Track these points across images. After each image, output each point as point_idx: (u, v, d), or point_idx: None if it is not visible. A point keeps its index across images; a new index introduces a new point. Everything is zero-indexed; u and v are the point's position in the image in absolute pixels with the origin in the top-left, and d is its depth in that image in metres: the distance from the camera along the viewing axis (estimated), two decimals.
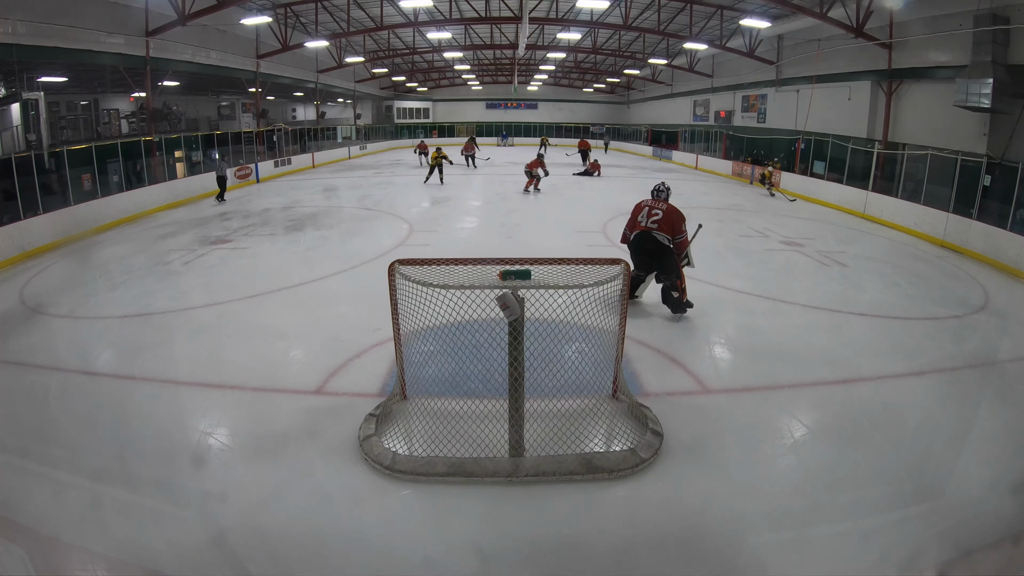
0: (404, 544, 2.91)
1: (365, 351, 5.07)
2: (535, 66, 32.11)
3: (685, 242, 5.85)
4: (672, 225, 5.75)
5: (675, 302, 5.86)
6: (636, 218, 5.91)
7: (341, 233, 10.35)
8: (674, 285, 5.81)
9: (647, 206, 5.88)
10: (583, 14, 20.02)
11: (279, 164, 20.34)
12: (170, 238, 9.99)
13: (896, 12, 12.87)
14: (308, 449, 3.67)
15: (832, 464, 3.60)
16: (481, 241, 9.58)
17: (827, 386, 4.65)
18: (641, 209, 5.91)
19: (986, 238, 9.18)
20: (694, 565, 2.80)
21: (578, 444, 3.61)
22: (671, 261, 5.73)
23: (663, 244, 5.71)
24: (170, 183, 13.96)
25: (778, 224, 11.64)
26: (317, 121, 27.46)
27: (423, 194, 15.25)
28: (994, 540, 2.92)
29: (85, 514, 3.10)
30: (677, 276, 5.79)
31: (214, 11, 14.40)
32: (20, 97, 13.55)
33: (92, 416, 4.11)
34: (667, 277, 5.81)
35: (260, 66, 19.87)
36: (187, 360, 4.95)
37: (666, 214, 5.77)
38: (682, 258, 5.87)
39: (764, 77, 19.65)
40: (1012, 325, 6.28)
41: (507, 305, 3.30)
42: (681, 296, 5.85)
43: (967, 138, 11.24)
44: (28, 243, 8.96)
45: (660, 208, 5.82)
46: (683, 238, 5.80)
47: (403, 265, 3.68)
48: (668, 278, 5.81)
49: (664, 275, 5.81)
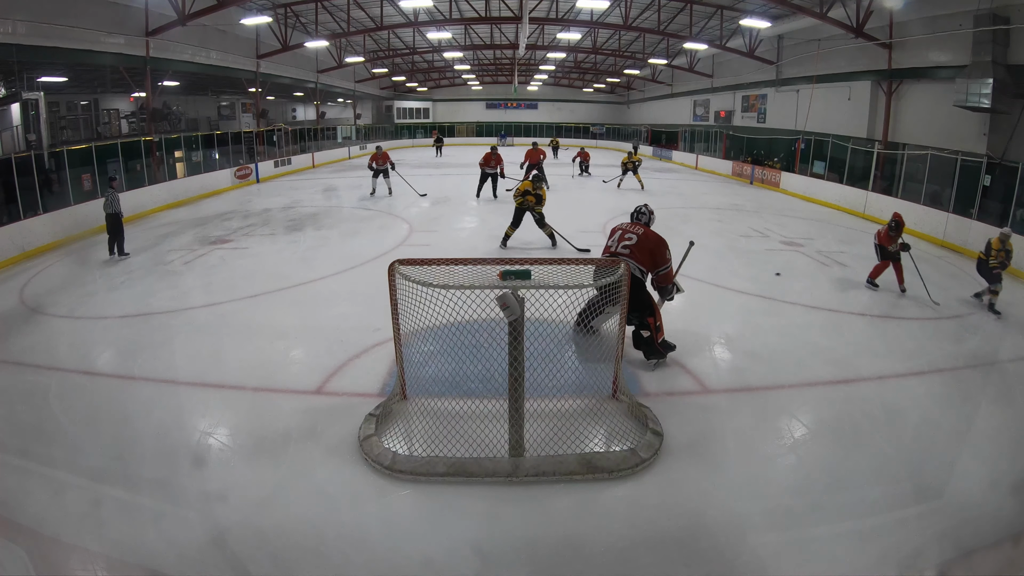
0: (404, 544, 2.91)
1: (365, 351, 5.07)
2: (535, 66, 32.11)
3: (670, 274, 4.87)
4: (649, 253, 4.77)
5: (647, 345, 4.84)
6: (607, 242, 5.04)
7: (341, 233, 10.35)
8: (644, 323, 4.78)
9: (621, 230, 4.97)
10: (583, 14, 20.03)
11: (279, 164, 20.34)
12: (170, 238, 9.99)
13: (896, 12, 12.87)
14: (308, 449, 3.67)
15: (832, 464, 3.60)
16: (481, 241, 9.58)
17: (827, 386, 4.65)
18: (614, 232, 5.03)
19: (986, 238, 9.13)
20: (694, 565, 2.80)
21: (578, 444, 3.61)
22: (639, 296, 4.66)
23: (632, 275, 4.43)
24: (170, 183, 13.97)
25: (778, 224, 11.63)
26: (317, 121, 27.47)
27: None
28: (994, 540, 2.92)
29: (85, 514, 3.10)
30: (649, 313, 4.76)
31: (214, 11, 14.39)
32: (20, 97, 13.55)
33: (92, 416, 4.11)
34: (635, 315, 4.70)
35: (260, 66, 19.87)
36: (187, 360, 4.95)
37: (641, 240, 4.80)
38: (665, 292, 4.96)
39: (764, 77, 19.65)
40: (1012, 325, 6.28)
41: (507, 305, 3.30)
42: (655, 336, 4.79)
43: (967, 138, 11.24)
44: (28, 243, 8.96)
45: (635, 232, 4.87)
46: (667, 270, 4.83)
47: (403, 265, 3.68)
48: (636, 316, 4.72)
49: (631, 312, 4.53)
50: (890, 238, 7.08)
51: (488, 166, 13.67)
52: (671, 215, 12.58)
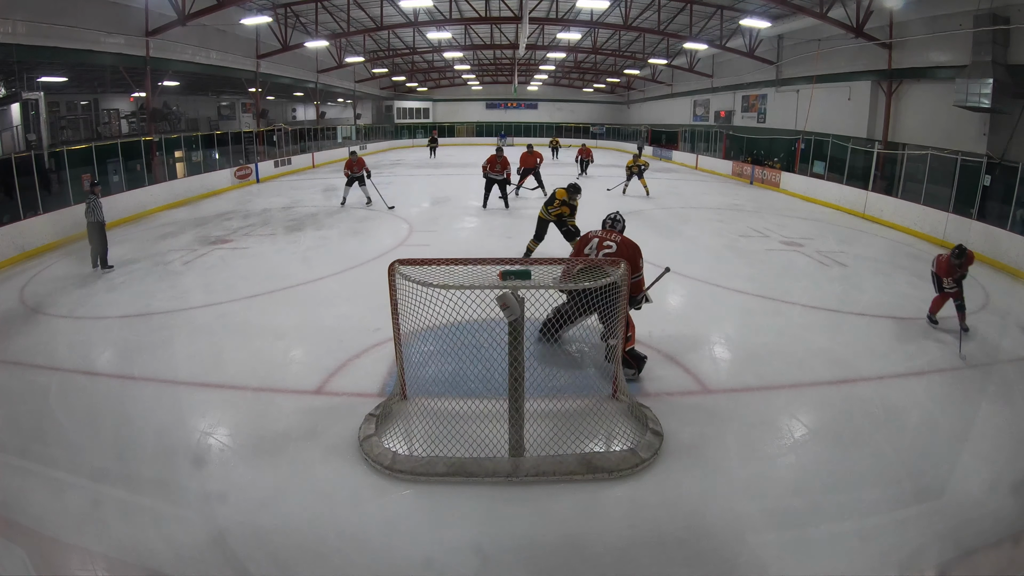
0: (404, 544, 2.91)
1: (365, 351, 5.07)
2: (535, 66, 32.10)
3: (642, 282, 4.71)
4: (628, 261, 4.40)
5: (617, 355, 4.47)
6: (582, 250, 4.83)
7: (341, 233, 10.35)
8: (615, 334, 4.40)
9: (596, 237, 4.79)
10: (583, 14, 20.01)
11: (279, 164, 20.34)
12: (170, 238, 9.99)
13: (896, 12, 12.87)
14: (308, 449, 3.67)
15: (832, 464, 3.60)
16: (481, 241, 9.58)
17: (827, 386, 4.65)
18: (589, 240, 4.82)
19: (986, 238, 9.18)
20: (694, 565, 2.80)
21: (578, 444, 3.61)
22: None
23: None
24: (170, 183, 13.97)
25: (778, 224, 11.64)
26: (317, 121, 27.46)
27: (423, 194, 15.26)
28: (994, 540, 2.92)
29: (85, 514, 3.10)
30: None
31: (214, 11, 14.39)
32: (20, 97, 13.54)
33: (92, 416, 4.11)
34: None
35: (260, 66, 19.86)
36: (187, 360, 4.95)
37: (620, 248, 4.67)
38: (635, 301, 4.71)
39: (764, 77, 19.65)
40: (1012, 325, 6.28)
41: (507, 305, 3.30)
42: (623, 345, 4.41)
43: (967, 138, 11.24)
44: (28, 243, 8.96)
45: (613, 241, 4.73)
46: (640, 277, 4.68)
47: (403, 265, 3.68)
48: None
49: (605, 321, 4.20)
50: (951, 268, 5.64)
51: (493, 171, 12.12)
52: (671, 215, 12.60)
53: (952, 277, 5.68)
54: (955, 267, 5.64)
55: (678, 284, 6.97)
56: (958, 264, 5.63)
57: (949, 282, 5.71)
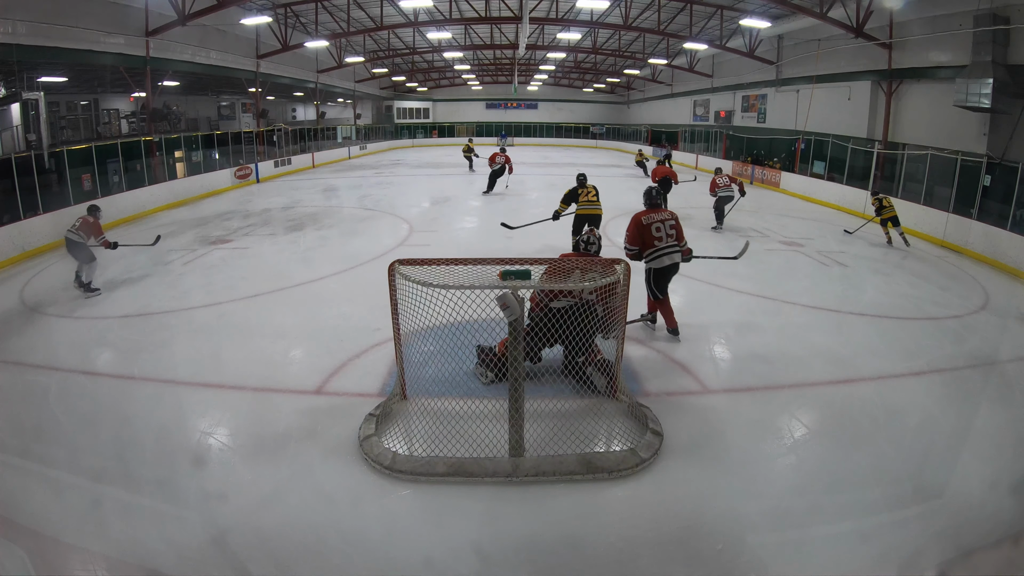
0: (404, 544, 2.91)
1: (365, 351, 5.07)
2: (535, 66, 32.11)
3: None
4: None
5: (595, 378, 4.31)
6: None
7: (341, 233, 10.35)
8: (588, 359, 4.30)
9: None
10: (583, 14, 20.02)
11: (279, 164, 20.34)
12: (170, 238, 9.98)
13: (896, 12, 12.87)
14: (308, 449, 3.67)
15: (832, 464, 3.60)
16: (481, 241, 9.57)
17: (827, 386, 4.65)
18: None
19: (986, 238, 9.19)
20: (694, 565, 2.80)
21: (578, 444, 3.61)
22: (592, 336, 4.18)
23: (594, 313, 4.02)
24: (170, 183, 13.96)
25: (778, 224, 11.63)
26: (317, 121, 27.47)
27: (423, 194, 15.25)
28: (994, 540, 2.92)
29: (85, 514, 3.10)
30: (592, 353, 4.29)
31: (214, 11, 14.39)
32: (20, 97, 13.53)
33: (92, 416, 4.11)
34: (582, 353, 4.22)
35: (260, 66, 19.86)
36: (187, 360, 4.95)
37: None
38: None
39: (764, 77, 19.64)
40: (1012, 325, 6.28)
41: (507, 305, 3.30)
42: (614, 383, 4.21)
43: (967, 138, 11.24)
44: (28, 243, 8.95)
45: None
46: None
47: (403, 265, 3.68)
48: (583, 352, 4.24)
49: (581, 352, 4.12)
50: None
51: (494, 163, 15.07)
52: None
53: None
54: None
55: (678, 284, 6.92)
56: None
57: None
